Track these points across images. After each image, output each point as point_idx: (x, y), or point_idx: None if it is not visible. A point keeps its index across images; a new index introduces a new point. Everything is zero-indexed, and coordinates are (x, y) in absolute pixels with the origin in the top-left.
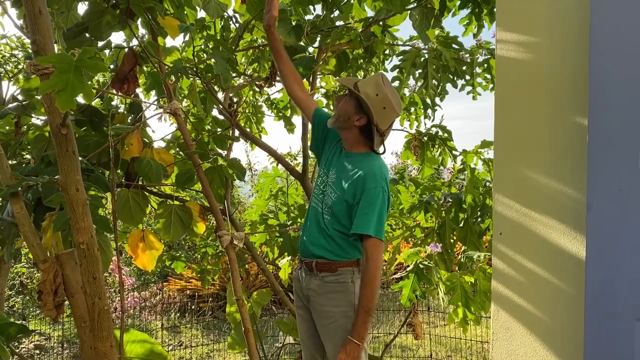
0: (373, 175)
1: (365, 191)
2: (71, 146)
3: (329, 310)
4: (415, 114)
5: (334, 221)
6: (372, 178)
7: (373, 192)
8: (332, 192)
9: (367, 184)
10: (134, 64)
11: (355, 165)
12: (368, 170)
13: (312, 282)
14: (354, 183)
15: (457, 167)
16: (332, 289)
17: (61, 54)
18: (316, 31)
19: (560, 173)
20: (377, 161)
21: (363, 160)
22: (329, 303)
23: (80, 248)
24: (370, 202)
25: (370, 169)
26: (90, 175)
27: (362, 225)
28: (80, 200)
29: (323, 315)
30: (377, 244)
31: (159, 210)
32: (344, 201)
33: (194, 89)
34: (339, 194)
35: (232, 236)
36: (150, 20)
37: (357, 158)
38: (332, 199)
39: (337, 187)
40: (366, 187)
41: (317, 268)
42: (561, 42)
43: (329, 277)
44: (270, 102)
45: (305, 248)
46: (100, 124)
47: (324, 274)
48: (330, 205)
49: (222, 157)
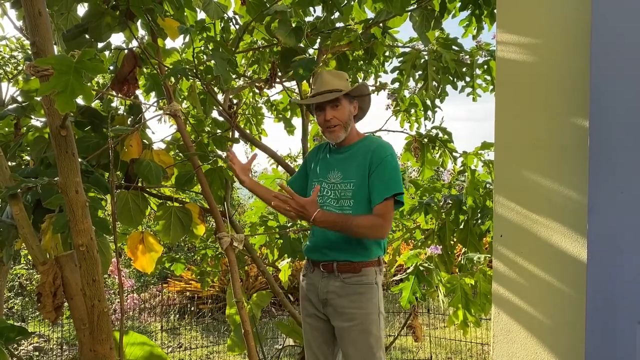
0: (383, 147)
1: (383, 159)
2: (71, 148)
3: (353, 313)
4: (416, 115)
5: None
6: (383, 149)
7: (391, 159)
8: (349, 185)
9: (382, 153)
10: (133, 66)
11: (359, 149)
12: (377, 145)
13: (332, 284)
14: (367, 159)
15: (457, 168)
16: (355, 291)
17: (61, 55)
18: (316, 33)
19: (561, 175)
20: (375, 137)
21: (365, 141)
22: (352, 305)
23: (80, 250)
24: (392, 168)
25: (378, 143)
26: (90, 176)
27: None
28: (79, 202)
29: (345, 318)
30: (391, 205)
31: (159, 212)
32: (365, 182)
33: (194, 91)
34: (357, 180)
35: (231, 238)
36: (150, 22)
37: (359, 144)
38: (351, 189)
39: (351, 176)
40: (382, 155)
41: (338, 269)
42: (562, 43)
43: (352, 278)
44: (270, 104)
45: (323, 254)
46: (100, 126)
47: (346, 275)
48: (352, 196)
49: (222, 159)
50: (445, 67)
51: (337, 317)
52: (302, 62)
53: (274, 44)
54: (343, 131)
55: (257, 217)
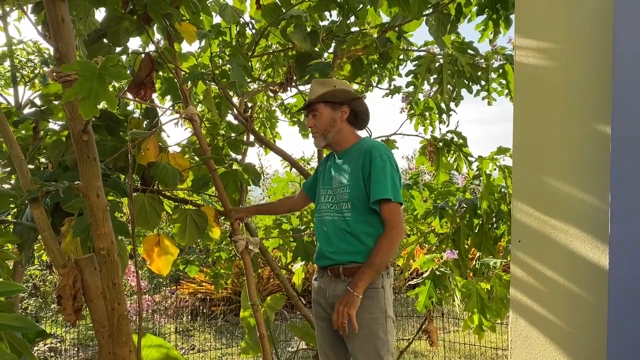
0: (376, 147)
1: (372, 160)
2: (92, 152)
3: (360, 317)
4: (430, 119)
5: (360, 217)
6: (375, 149)
7: (380, 160)
8: (345, 188)
9: (373, 154)
10: (150, 70)
11: (353, 153)
12: (369, 145)
13: (339, 288)
14: (360, 161)
15: (472, 173)
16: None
17: (84, 61)
18: (332, 37)
19: (581, 180)
20: (371, 139)
21: (359, 144)
22: (359, 309)
23: (101, 254)
24: (380, 169)
25: (371, 143)
26: (108, 180)
27: (379, 191)
28: (100, 206)
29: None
30: (395, 207)
31: (175, 215)
32: (360, 185)
33: (209, 94)
34: (352, 182)
35: (247, 241)
36: (167, 26)
37: (353, 148)
38: (348, 194)
39: (347, 180)
40: (373, 156)
41: (344, 273)
42: (582, 47)
43: None
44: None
45: (329, 260)
46: (117, 129)
47: (352, 278)
48: (349, 199)
49: (237, 162)
50: (461, 71)
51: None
52: (317, 66)
53: (289, 48)
54: (321, 138)
55: (271, 220)
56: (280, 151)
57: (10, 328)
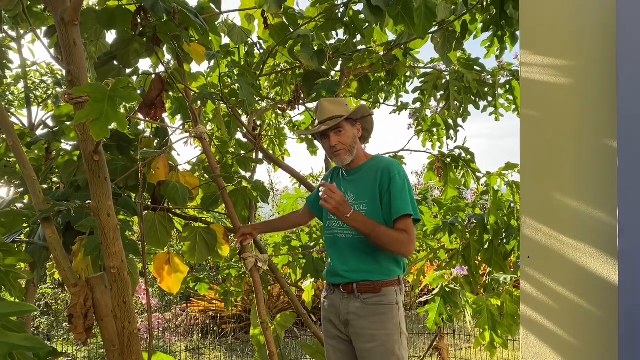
0: (393, 165)
1: (392, 178)
2: (103, 172)
3: (375, 334)
4: (438, 134)
5: None
6: (393, 167)
7: (399, 177)
8: (361, 206)
9: (392, 172)
10: (161, 90)
11: (367, 170)
12: (385, 163)
13: (352, 305)
14: (377, 179)
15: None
16: (376, 311)
17: (95, 84)
18: (338, 55)
19: (589, 195)
20: (384, 157)
21: (373, 161)
22: (374, 326)
23: (112, 273)
24: (401, 187)
25: (386, 161)
26: (119, 199)
27: (401, 207)
28: (111, 225)
29: (367, 339)
30: (411, 223)
31: (185, 233)
32: (377, 202)
33: (219, 113)
34: (368, 200)
35: (256, 258)
36: (176, 48)
37: (366, 165)
38: (364, 212)
39: (363, 197)
40: (392, 174)
41: (358, 290)
42: (587, 62)
43: (372, 298)
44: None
45: (343, 278)
46: (128, 149)
47: (366, 295)
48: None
49: (246, 180)
50: (467, 87)
51: (358, 338)
52: (324, 84)
53: (296, 67)
54: (348, 154)
55: (281, 237)
56: (288, 168)
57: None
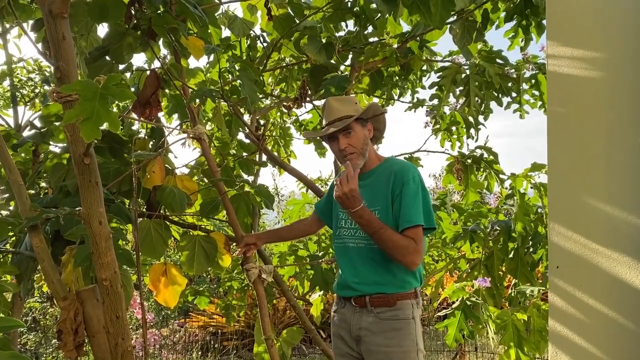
0: (407, 169)
1: (405, 184)
2: (94, 176)
3: (389, 351)
4: (457, 133)
5: None
6: (407, 171)
7: (413, 183)
8: (372, 211)
9: (405, 177)
10: (156, 87)
11: (380, 174)
12: (399, 166)
13: (365, 320)
14: (389, 183)
15: (505, 192)
16: (391, 327)
17: (86, 81)
18: (348, 48)
19: (623, 199)
20: (398, 159)
21: (386, 164)
22: (389, 342)
23: (103, 285)
24: (413, 193)
25: (400, 164)
26: (111, 205)
27: (411, 216)
28: (103, 233)
29: (381, 357)
30: (420, 233)
31: (182, 242)
32: (390, 208)
33: (219, 112)
34: (381, 206)
35: (260, 269)
36: (173, 41)
37: (380, 169)
38: (377, 217)
39: (375, 203)
40: (405, 179)
41: (371, 303)
42: (619, 54)
43: (386, 312)
44: (299, 124)
45: (354, 290)
46: (121, 151)
47: (380, 309)
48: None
49: (248, 184)
50: (489, 82)
51: (371, 356)
52: (333, 80)
53: (303, 61)
54: (360, 157)
55: (287, 246)
56: (295, 171)
57: None
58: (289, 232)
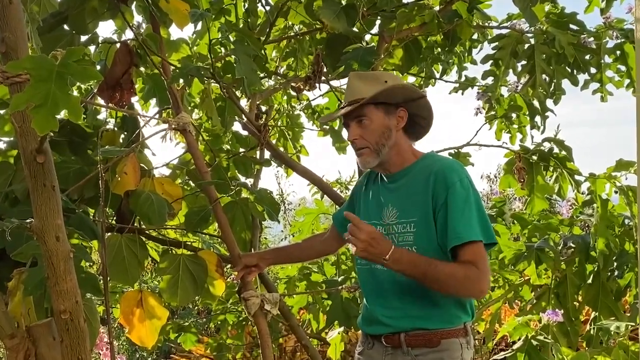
0: (452, 168)
1: (450, 187)
2: (50, 179)
3: None
4: (519, 122)
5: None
6: (452, 171)
7: (461, 186)
8: (408, 225)
9: (450, 179)
10: (128, 65)
11: (416, 175)
12: (441, 165)
13: None
14: (429, 187)
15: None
16: None
17: (39, 56)
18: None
19: None
20: (439, 156)
21: (423, 162)
22: None
23: (62, 319)
24: (463, 200)
25: (443, 162)
26: (71, 216)
27: (464, 230)
28: (61, 252)
29: None
30: (481, 249)
31: (163, 263)
32: (430, 222)
33: (209, 96)
34: (418, 217)
35: (262, 299)
36: (150, 5)
37: (416, 168)
38: (413, 234)
39: (409, 215)
40: (450, 182)
41: (407, 343)
42: None
43: (428, 355)
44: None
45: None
46: (83, 146)
47: (419, 350)
48: (413, 241)
49: (247, 189)
50: (560, 55)
51: None
52: (356, 54)
53: (316, 30)
54: (373, 155)
55: (296, 269)
56: (306, 172)
57: None
58: (301, 251)
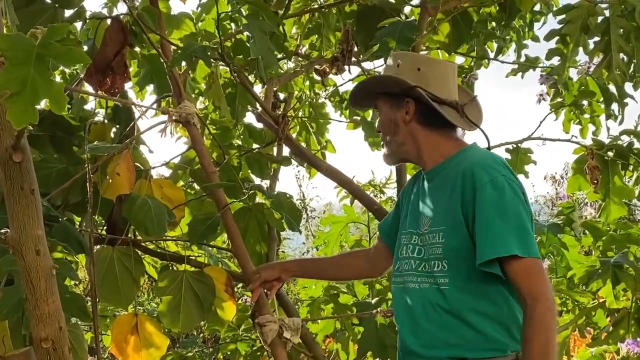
0: (481, 165)
1: (478, 189)
2: (29, 182)
3: None
4: (591, 111)
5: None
6: (480, 168)
7: (492, 187)
8: (436, 235)
9: (478, 178)
10: (121, 45)
11: (448, 173)
12: (471, 162)
13: None
14: (458, 189)
15: None
16: None
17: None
18: None
19: None
20: (479, 149)
21: (457, 158)
22: None
23: (42, 348)
24: (494, 204)
25: (473, 159)
26: (54, 225)
27: (494, 243)
28: (42, 268)
29: None
30: (531, 265)
31: (162, 282)
32: (462, 229)
33: (216, 82)
34: (447, 226)
35: (280, 324)
36: None
37: (449, 165)
38: (441, 245)
39: (438, 223)
40: (478, 182)
41: None
42: None
43: None
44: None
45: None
46: (68, 142)
47: None
48: (442, 254)
49: (262, 192)
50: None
51: None
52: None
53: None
54: (388, 152)
55: (321, 288)
56: (333, 172)
57: None
58: (337, 269)
